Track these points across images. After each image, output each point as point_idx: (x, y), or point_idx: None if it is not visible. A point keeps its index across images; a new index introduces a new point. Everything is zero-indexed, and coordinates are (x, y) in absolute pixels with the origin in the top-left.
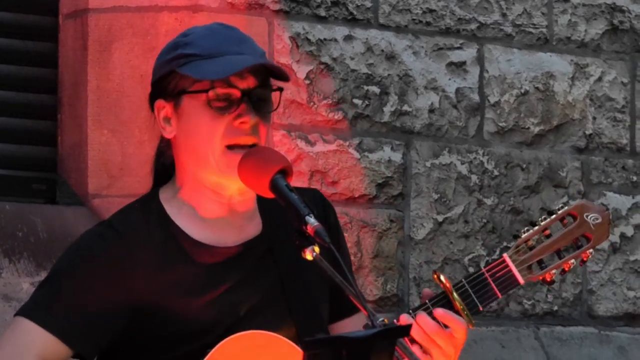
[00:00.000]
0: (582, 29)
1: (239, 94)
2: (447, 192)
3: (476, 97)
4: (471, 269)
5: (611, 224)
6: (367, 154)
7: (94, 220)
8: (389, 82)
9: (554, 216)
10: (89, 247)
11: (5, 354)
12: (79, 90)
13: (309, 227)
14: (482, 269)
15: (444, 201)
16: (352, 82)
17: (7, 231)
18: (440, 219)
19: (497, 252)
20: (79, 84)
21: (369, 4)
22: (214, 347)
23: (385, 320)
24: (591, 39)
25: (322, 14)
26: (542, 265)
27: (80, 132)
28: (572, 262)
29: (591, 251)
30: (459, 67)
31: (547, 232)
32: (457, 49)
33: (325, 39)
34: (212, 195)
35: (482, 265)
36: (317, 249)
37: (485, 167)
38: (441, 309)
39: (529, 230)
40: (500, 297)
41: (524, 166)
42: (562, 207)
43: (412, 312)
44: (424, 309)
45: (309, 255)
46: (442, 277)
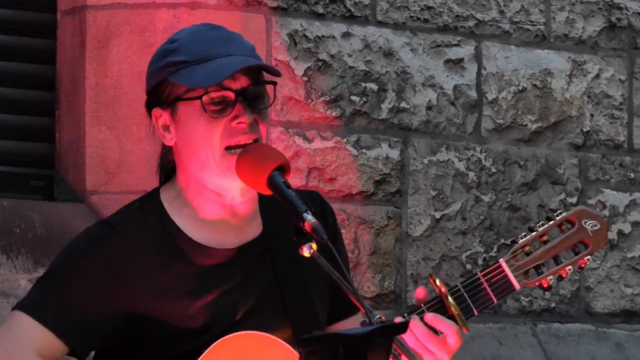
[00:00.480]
0: (579, 26)
1: (232, 95)
2: (445, 189)
3: (474, 94)
4: (469, 266)
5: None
6: (364, 150)
7: (91, 216)
8: (387, 79)
9: (552, 222)
10: (86, 246)
11: (2, 347)
12: (77, 86)
13: (306, 224)
14: (478, 273)
15: (441, 198)
16: (349, 79)
17: (4, 227)
18: (437, 215)
19: (495, 249)
20: (77, 80)
21: (366, 1)
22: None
23: (382, 317)
24: (589, 36)
25: (320, 10)
26: (539, 271)
27: (78, 129)
28: (569, 268)
29: (589, 258)
30: (456, 64)
31: (545, 238)
32: (455, 46)
33: (323, 36)
34: (214, 197)
35: (479, 261)
36: (314, 246)
37: (482, 164)
38: (431, 313)
39: (526, 235)
40: (495, 302)
41: (522, 163)
42: (560, 213)
43: (407, 316)
44: (418, 313)
45: (306, 252)
46: (438, 281)
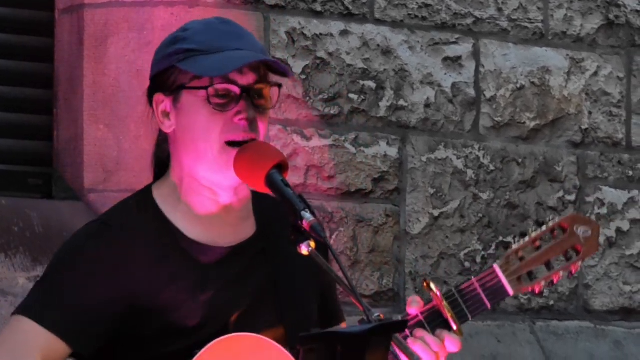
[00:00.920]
0: (577, 23)
1: (238, 90)
2: (443, 186)
3: (472, 91)
4: (467, 264)
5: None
6: (363, 148)
7: (89, 214)
8: (385, 77)
9: (545, 228)
10: (83, 245)
11: (6, 353)
12: (75, 85)
13: (304, 222)
14: (472, 278)
15: (439, 196)
16: (348, 77)
17: (3, 226)
18: (436, 213)
19: (493, 247)
20: (75, 78)
21: None
22: (202, 347)
23: (381, 315)
24: (587, 34)
25: (318, 9)
26: (532, 276)
27: (76, 127)
28: (561, 274)
29: (580, 264)
30: (454, 61)
31: (538, 244)
32: (453, 43)
33: (321, 34)
34: (207, 192)
35: (478, 259)
36: (312, 244)
37: (481, 161)
38: (420, 329)
39: (519, 241)
40: (489, 307)
41: (520, 161)
42: (553, 219)
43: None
44: (416, 322)
45: (305, 250)
46: (433, 286)
